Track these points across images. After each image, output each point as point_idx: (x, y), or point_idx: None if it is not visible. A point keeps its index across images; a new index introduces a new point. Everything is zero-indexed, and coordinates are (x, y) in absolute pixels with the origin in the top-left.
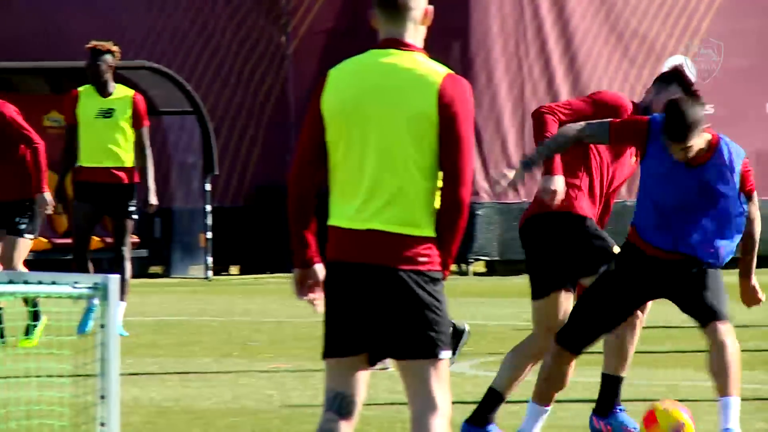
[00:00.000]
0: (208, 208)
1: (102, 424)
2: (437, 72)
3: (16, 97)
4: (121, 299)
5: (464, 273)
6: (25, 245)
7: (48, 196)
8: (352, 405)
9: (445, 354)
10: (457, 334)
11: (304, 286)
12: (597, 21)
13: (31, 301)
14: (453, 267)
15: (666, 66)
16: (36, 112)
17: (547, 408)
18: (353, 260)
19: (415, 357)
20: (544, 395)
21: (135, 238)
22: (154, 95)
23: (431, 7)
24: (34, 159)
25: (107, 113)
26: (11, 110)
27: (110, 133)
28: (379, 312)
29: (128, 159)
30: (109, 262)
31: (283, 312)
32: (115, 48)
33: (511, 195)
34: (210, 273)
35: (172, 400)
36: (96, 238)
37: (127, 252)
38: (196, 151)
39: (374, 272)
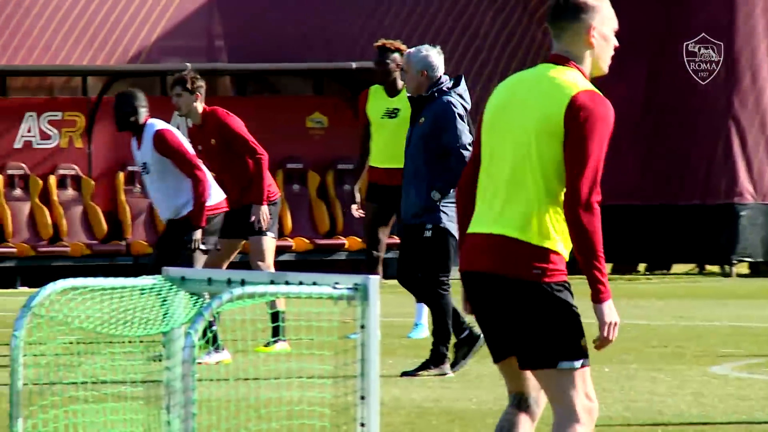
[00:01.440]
0: None
1: (362, 425)
2: (575, 86)
3: (279, 99)
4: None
5: (727, 274)
6: (268, 244)
7: (265, 209)
8: (526, 402)
9: (567, 364)
10: (471, 340)
11: None
12: None
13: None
14: (716, 268)
15: None
16: (299, 113)
17: None
18: (481, 269)
19: (533, 367)
20: None
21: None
22: None
23: (597, 24)
24: (258, 170)
25: (393, 113)
26: (237, 124)
27: (397, 133)
28: (503, 320)
29: None
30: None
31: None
32: (403, 46)
33: None
34: None
35: (432, 400)
36: (357, 239)
37: None
38: None
39: (492, 281)
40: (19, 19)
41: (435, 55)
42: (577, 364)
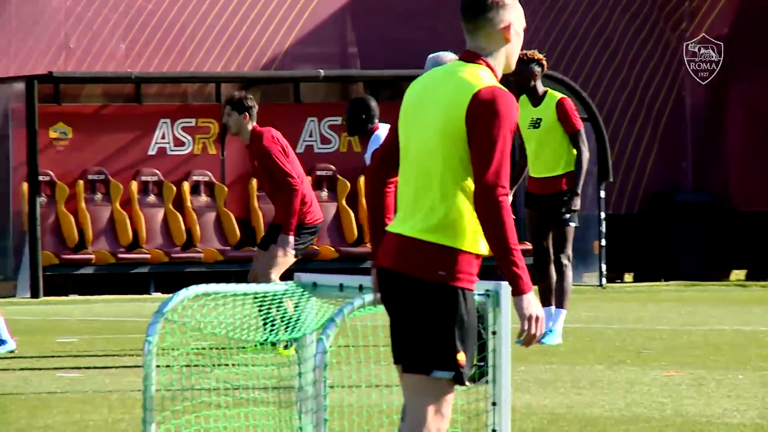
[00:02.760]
0: (602, 215)
1: (494, 431)
2: (477, 83)
3: None
4: (561, 306)
5: None
6: (281, 260)
7: (291, 239)
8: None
9: (442, 374)
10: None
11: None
12: None
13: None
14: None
15: None
16: None
17: None
18: (384, 266)
19: (408, 369)
20: None
21: (527, 245)
22: None
23: (513, 20)
24: (288, 200)
25: (536, 123)
26: (275, 150)
27: (542, 142)
28: (403, 319)
29: (559, 166)
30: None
31: (677, 320)
32: (540, 56)
33: None
34: (604, 280)
35: (564, 407)
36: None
37: (566, 258)
38: (591, 158)
39: (398, 280)
40: (154, 26)
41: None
42: (449, 375)
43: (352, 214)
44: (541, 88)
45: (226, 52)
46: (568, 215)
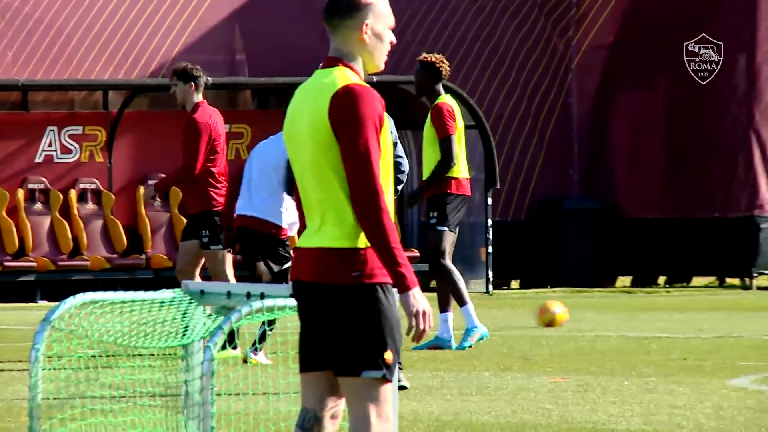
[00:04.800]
0: (489, 222)
1: None
2: (335, 85)
3: None
4: (454, 306)
5: (748, 287)
6: (212, 257)
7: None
8: (318, 422)
9: (371, 374)
10: None
11: None
12: None
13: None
14: (736, 281)
15: None
16: None
17: None
18: (301, 279)
19: (339, 373)
20: None
21: (415, 252)
22: None
23: (370, 20)
24: (176, 175)
25: (422, 127)
26: (194, 128)
27: (425, 145)
28: (320, 329)
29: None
30: None
31: (564, 326)
32: (435, 59)
33: None
34: (490, 287)
35: (451, 413)
36: None
37: (442, 262)
38: (477, 166)
39: (313, 290)
40: (41, 34)
41: None
42: (379, 374)
43: None
44: (437, 92)
45: (113, 59)
46: (433, 219)
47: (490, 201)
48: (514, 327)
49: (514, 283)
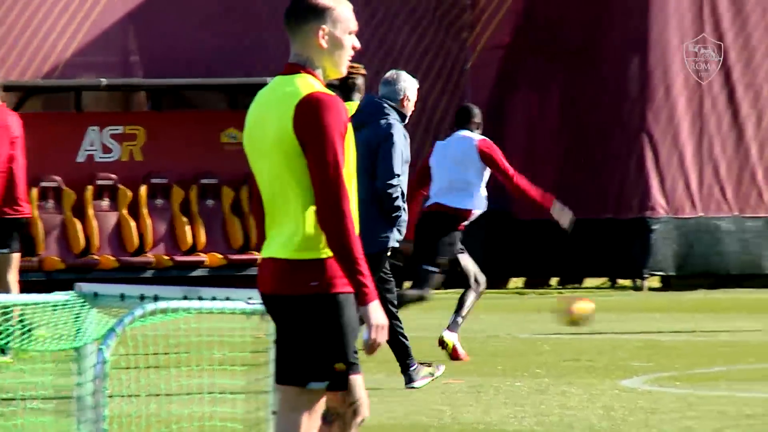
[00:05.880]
0: None
1: None
2: (297, 94)
3: (193, 114)
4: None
5: (639, 288)
6: (4, 260)
7: None
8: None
9: (318, 385)
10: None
11: None
12: None
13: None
14: (628, 282)
15: None
16: (213, 128)
17: None
18: (263, 291)
19: (284, 382)
20: None
21: None
22: None
23: (328, 25)
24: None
25: None
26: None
27: None
28: (283, 341)
29: None
30: None
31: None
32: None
33: (688, 209)
34: None
35: None
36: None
37: None
38: None
39: (275, 301)
40: None
41: None
42: (323, 385)
43: (133, 224)
44: (355, 99)
45: (6, 60)
46: None
47: None
48: (406, 329)
49: (407, 285)
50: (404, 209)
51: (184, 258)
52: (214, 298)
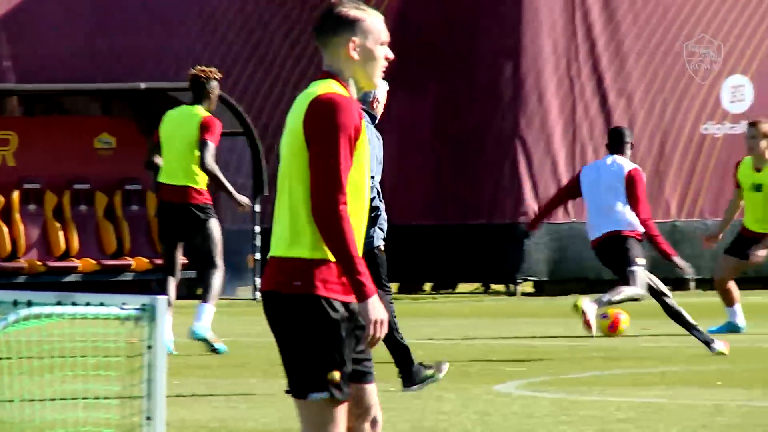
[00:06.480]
0: (257, 229)
1: None
2: (314, 95)
3: (67, 119)
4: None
5: (512, 293)
6: None
7: None
8: None
9: (317, 396)
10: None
11: None
12: (652, 42)
13: None
14: (501, 287)
15: None
16: (87, 133)
17: None
18: (263, 288)
19: (291, 394)
20: None
21: (184, 259)
22: None
23: (358, 36)
24: None
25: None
26: None
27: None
28: (278, 341)
29: (185, 176)
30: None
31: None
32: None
33: (561, 215)
34: (258, 294)
35: (218, 420)
36: (143, 260)
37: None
38: (246, 173)
39: (267, 298)
40: None
41: None
42: (325, 396)
43: (6, 229)
44: (204, 103)
45: None
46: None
47: (258, 208)
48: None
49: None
50: (383, 209)
51: (57, 263)
52: (88, 304)
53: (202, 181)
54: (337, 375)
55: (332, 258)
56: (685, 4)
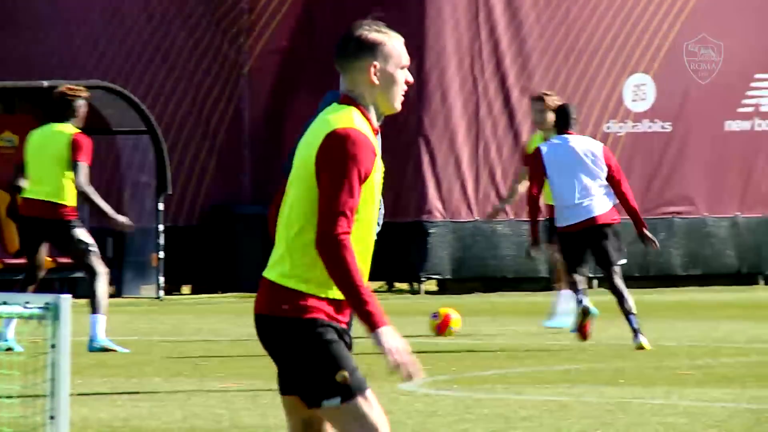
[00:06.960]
0: (161, 227)
1: None
2: (330, 126)
3: None
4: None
5: (416, 292)
6: None
7: None
8: None
9: (329, 403)
10: None
11: None
12: (555, 40)
13: None
14: (405, 285)
15: None
16: None
17: None
18: (255, 311)
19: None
20: None
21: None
22: (108, 114)
23: (379, 60)
24: None
25: None
26: None
27: None
28: (276, 359)
29: (56, 194)
30: (61, 282)
31: (234, 332)
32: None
33: (464, 213)
34: (161, 292)
35: (121, 419)
36: (48, 259)
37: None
38: (149, 171)
39: (258, 321)
40: None
41: None
42: (338, 401)
43: (14, 226)
44: (72, 121)
45: None
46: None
47: (161, 206)
48: (185, 333)
49: (185, 289)
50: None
51: None
52: None
53: (70, 199)
54: (345, 373)
55: (323, 295)
56: (587, 4)
